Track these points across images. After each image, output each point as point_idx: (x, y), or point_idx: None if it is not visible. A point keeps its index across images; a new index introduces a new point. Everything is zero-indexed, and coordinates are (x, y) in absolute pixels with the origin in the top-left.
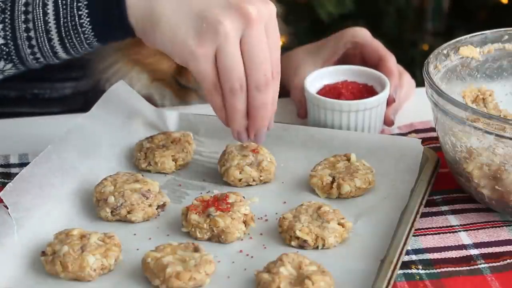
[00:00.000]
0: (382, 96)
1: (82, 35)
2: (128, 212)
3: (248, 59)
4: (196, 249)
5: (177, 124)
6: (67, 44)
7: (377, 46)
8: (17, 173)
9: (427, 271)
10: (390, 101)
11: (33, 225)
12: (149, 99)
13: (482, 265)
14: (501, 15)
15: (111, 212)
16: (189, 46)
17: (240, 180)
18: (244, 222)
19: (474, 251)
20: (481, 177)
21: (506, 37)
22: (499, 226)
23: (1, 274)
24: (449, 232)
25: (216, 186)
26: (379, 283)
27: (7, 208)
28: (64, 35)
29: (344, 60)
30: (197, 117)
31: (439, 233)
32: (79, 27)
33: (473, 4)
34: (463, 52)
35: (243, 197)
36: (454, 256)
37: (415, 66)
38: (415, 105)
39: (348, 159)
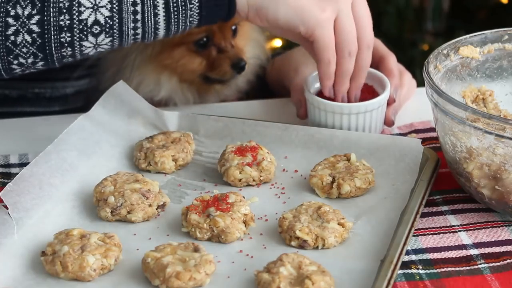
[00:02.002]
0: (383, 98)
1: (188, 11)
2: (128, 212)
3: (358, 22)
4: (196, 249)
5: (177, 124)
6: (171, 20)
7: (378, 45)
8: (17, 173)
9: (427, 271)
10: (390, 102)
11: (33, 225)
12: (170, 102)
13: (482, 265)
14: (501, 15)
15: (111, 212)
16: (315, 13)
17: (240, 180)
18: (244, 222)
19: (474, 251)
20: (481, 177)
21: (506, 37)
22: (499, 226)
23: (1, 274)
24: (449, 232)
25: (216, 186)
26: (379, 283)
27: (7, 208)
28: (171, 10)
29: None
30: (197, 117)
31: (439, 233)
32: (188, 2)
33: (473, 4)
34: (463, 52)
35: (243, 197)
36: (454, 256)
37: (415, 66)
38: (415, 105)
39: (348, 159)
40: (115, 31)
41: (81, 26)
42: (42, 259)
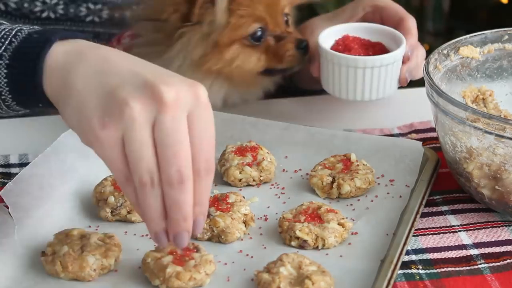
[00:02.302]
0: (398, 53)
1: (2, 102)
2: (128, 212)
3: (159, 149)
4: (196, 249)
5: None
6: None
7: (397, 7)
8: (17, 173)
9: (427, 271)
10: (405, 60)
11: (33, 225)
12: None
13: (482, 265)
14: (501, 15)
15: (111, 212)
16: (93, 127)
17: (240, 180)
18: (244, 222)
19: (474, 251)
20: (481, 177)
21: (506, 37)
22: (499, 226)
23: (1, 274)
24: (449, 232)
25: (216, 186)
26: (379, 283)
27: (7, 208)
28: None
29: None
30: None
31: (439, 233)
32: None
33: (473, 4)
34: (463, 52)
35: (243, 197)
36: (454, 256)
37: None
38: (415, 105)
39: (348, 159)
40: None
41: None
42: (42, 259)
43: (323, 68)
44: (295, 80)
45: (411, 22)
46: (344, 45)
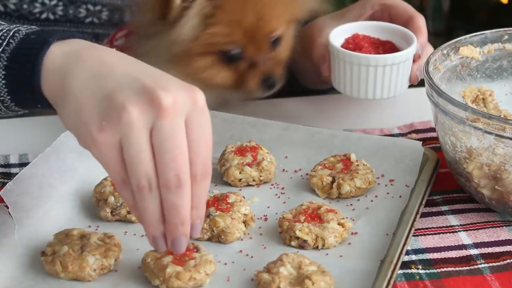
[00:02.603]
0: (410, 52)
1: (1, 103)
2: (128, 212)
3: (157, 154)
4: (196, 249)
5: None
6: None
7: (406, 6)
8: (17, 173)
9: (427, 271)
10: (415, 58)
11: (33, 225)
12: None
13: (482, 265)
14: (501, 15)
15: (111, 212)
16: (90, 130)
17: (240, 180)
18: (244, 222)
19: (474, 251)
20: (481, 177)
21: (506, 37)
22: (499, 226)
23: (1, 274)
24: (449, 232)
25: (216, 186)
26: (379, 283)
27: (7, 208)
28: None
29: None
30: None
31: (439, 233)
32: None
33: (473, 4)
34: (463, 52)
35: (243, 197)
36: (454, 256)
37: None
38: (415, 105)
39: (348, 159)
40: None
41: None
42: (42, 259)
43: (334, 67)
44: (301, 79)
45: (421, 21)
46: (354, 44)
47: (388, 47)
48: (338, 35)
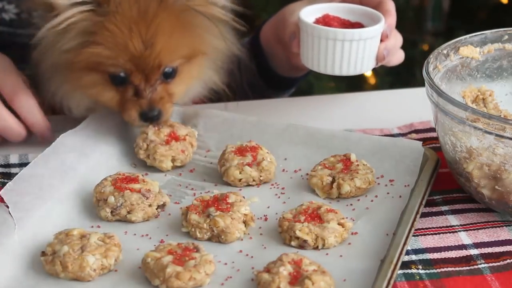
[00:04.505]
0: (377, 28)
1: None
2: (128, 212)
3: None
4: (196, 249)
5: (177, 116)
6: None
7: None
8: (17, 173)
9: (427, 271)
10: (383, 37)
11: (33, 225)
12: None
13: (482, 265)
14: (501, 15)
15: (111, 212)
16: None
17: (240, 180)
18: (244, 222)
19: (474, 251)
20: (481, 177)
21: (506, 37)
22: (499, 226)
23: (1, 274)
24: (449, 232)
25: (216, 186)
26: (379, 283)
27: (8, 208)
28: None
29: None
30: (198, 110)
31: (439, 233)
32: None
33: (473, 4)
34: (463, 52)
35: (243, 197)
36: (454, 256)
37: (415, 66)
38: (415, 105)
39: (348, 159)
40: None
41: None
42: (42, 259)
43: (302, 42)
44: (274, 67)
45: (390, 4)
46: (324, 23)
47: (357, 28)
48: (309, 13)
